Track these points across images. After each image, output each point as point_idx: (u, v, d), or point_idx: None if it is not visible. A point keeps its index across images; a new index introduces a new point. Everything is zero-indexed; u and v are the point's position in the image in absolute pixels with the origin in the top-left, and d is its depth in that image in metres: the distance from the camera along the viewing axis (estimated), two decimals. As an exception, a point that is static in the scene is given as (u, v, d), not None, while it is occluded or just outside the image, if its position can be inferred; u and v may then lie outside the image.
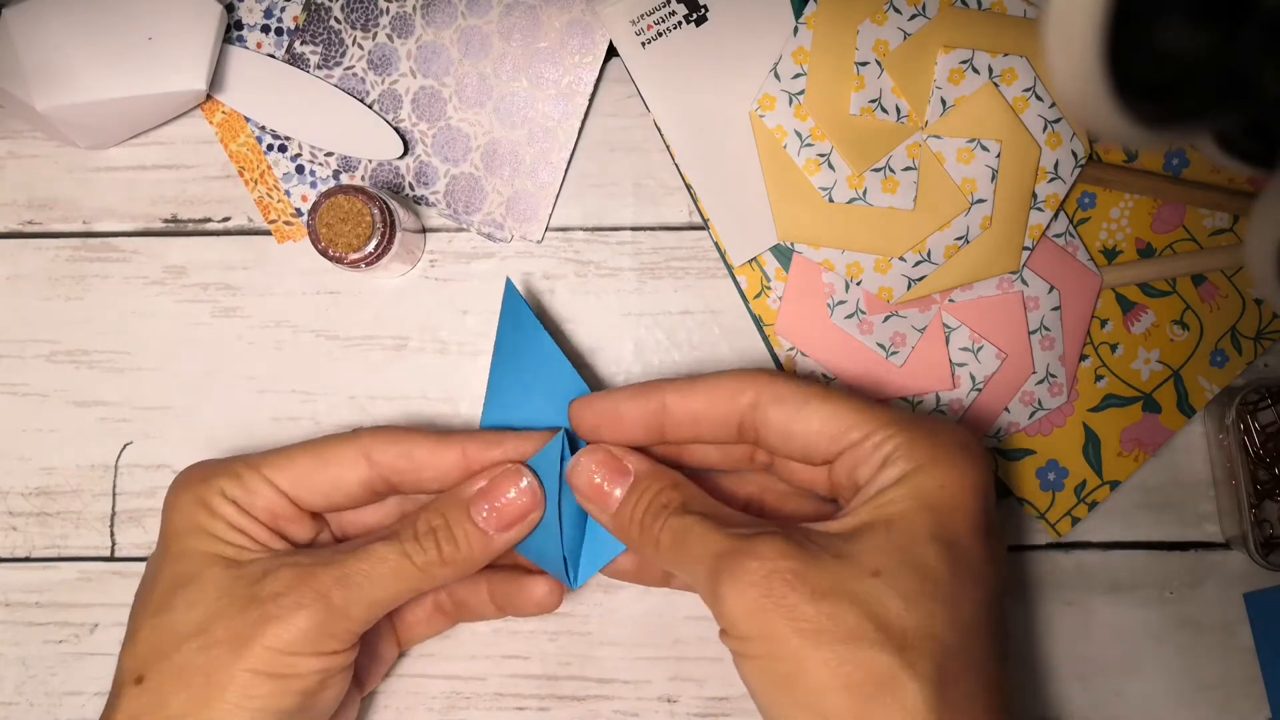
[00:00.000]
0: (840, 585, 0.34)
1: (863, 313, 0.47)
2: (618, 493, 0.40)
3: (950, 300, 0.47)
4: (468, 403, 0.48)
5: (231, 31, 0.47)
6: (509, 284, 0.43)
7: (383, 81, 0.47)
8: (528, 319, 0.42)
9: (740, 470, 0.43)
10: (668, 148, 0.47)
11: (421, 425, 0.47)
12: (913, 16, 0.45)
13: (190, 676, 0.37)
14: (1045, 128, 0.45)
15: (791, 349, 0.47)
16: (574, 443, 0.42)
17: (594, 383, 0.48)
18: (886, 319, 0.47)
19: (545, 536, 0.41)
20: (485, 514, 0.40)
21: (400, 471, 0.40)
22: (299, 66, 0.47)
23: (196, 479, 0.40)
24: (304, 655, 0.38)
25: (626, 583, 0.46)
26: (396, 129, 0.47)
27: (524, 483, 0.40)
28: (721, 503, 0.40)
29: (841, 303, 0.47)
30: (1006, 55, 0.45)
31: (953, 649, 0.34)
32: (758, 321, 0.47)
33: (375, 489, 0.41)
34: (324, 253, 0.42)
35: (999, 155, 0.45)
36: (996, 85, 0.45)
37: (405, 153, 0.47)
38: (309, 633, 0.37)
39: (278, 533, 0.41)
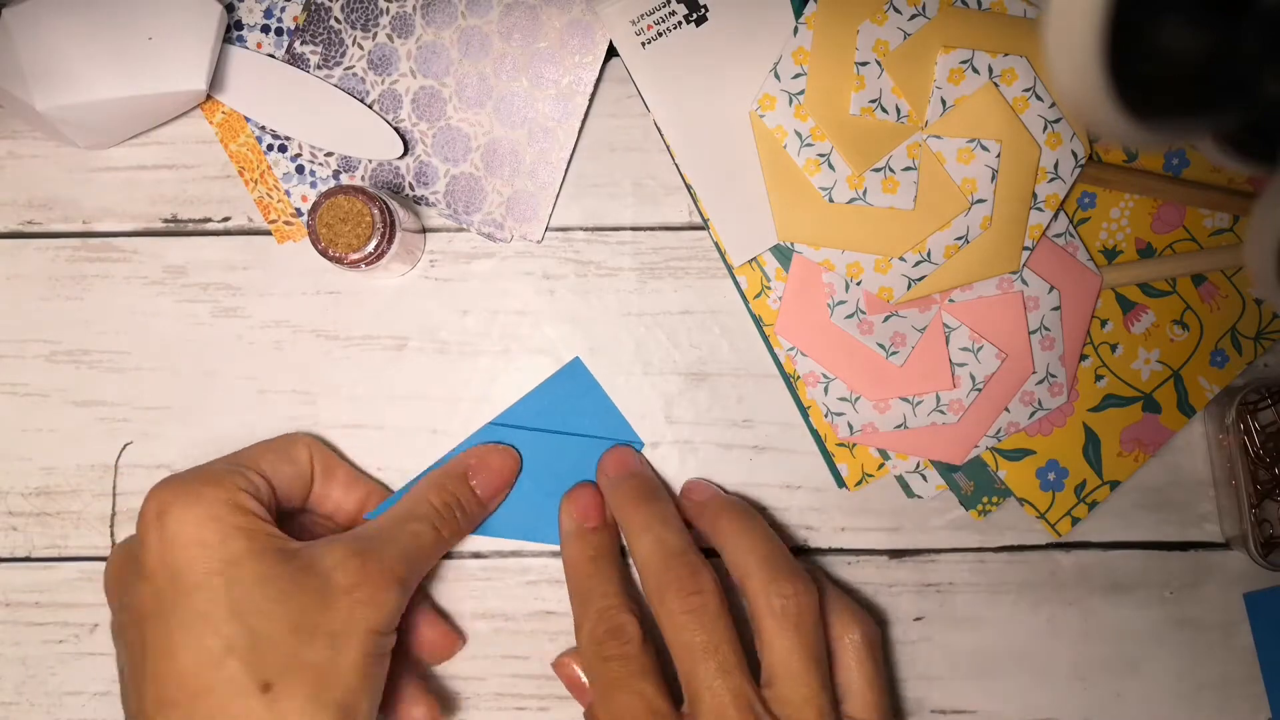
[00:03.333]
0: None
1: (863, 313, 0.47)
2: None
3: (950, 300, 0.47)
4: (468, 403, 0.48)
5: (231, 31, 0.47)
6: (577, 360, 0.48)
7: (383, 81, 0.47)
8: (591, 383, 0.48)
9: None
10: (668, 148, 0.47)
11: (421, 426, 0.48)
12: (913, 16, 0.45)
13: (315, 674, 0.37)
14: (1045, 128, 0.45)
15: (791, 349, 0.47)
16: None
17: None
18: (886, 319, 0.47)
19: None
20: (478, 484, 0.45)
21: (322, 485, 0.45)
22: (299, 66, 0.47)
23: (202, 486, 0.39)
24: (390, 633, 0.40)
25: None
26: (396, 129, 0.47)
27: (505, 453, 0.46)
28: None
29: (841, 303, 0.47)
30: (1006, 55, 0.45)
31: None
32: (758, 321, 0.47)
33: (304, 491, 0.44)
34: (324, 253, 0.42)
35: (999, 155, 0.45)
36: (996, 85, 0.45)
37: (405, 153, 0.47)
38: (396, 611, 0.40)
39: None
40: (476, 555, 0.48)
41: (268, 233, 0.48)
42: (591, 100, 0.48)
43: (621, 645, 0.41)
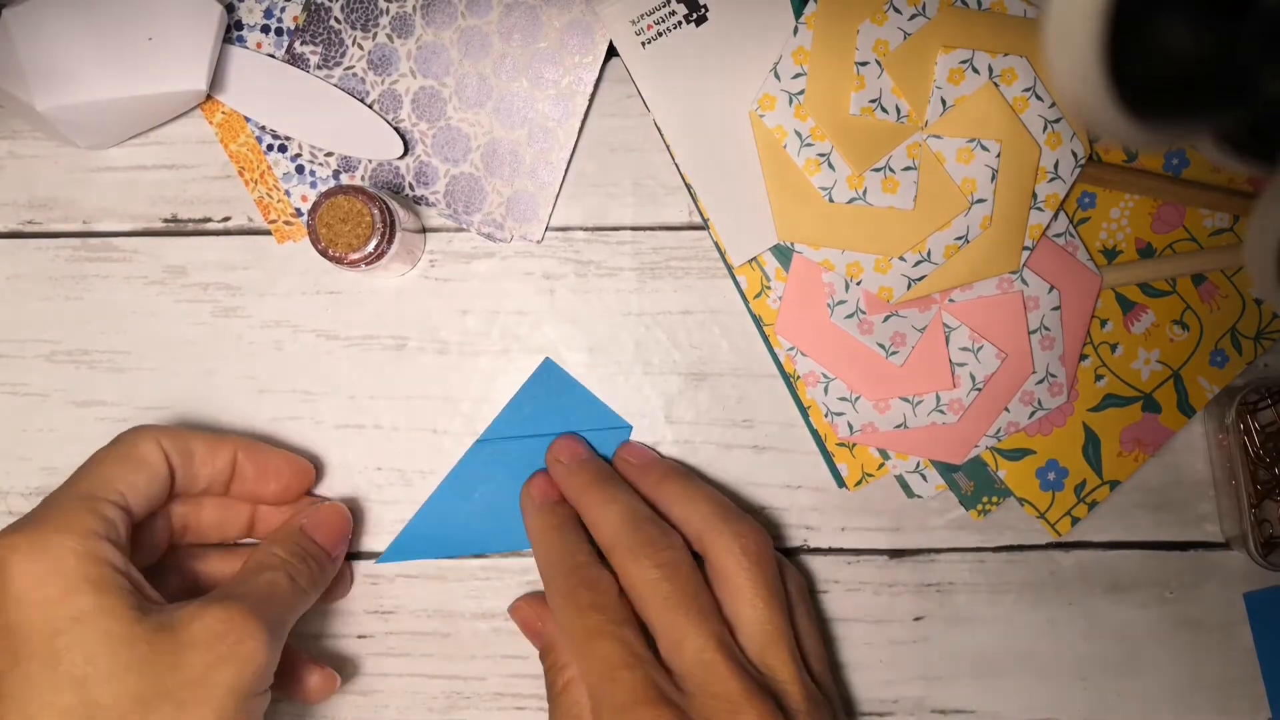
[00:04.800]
0: None
1: (863, 313, 0.47)
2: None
3: (950, 300, 0.47)
4: (468, 403, 0.48)
5: (231, 31, 0.47)
6: (548, 361, 0.48)
7: (383, 81, 0.47)
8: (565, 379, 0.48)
9: None
10: (668, 148, 0.47)
11: (421, 426, 0.48)
12: (913, 16, 0.45)
13: None
14: (1045, 128, 0.45)
15: (791, 349, 0.47)
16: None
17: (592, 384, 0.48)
18: (886, 319, 0.47)
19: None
20: (317, 535, 0.43)
21: (181, 457, 0.41)
22: (299, 66, 0.47)
23: (49, 534, 0.35)
24: (258, 694, 0.37)
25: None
26: (396, 129, 0.47)
27: (332, 507, 0.45)
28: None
29: (841, 303, 0.47)
30: (1006, 55, 0.45)
31: None
32: (758, 321, 0.47)
33: (166, 489, 0.41)
34: (324, 253, 0.42)
35: (999, 155, 0.45)
36: (996, 85, 0.45)
37: (405, 153, 0.47)
38: (263, 666, 0.37)
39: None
40: (477, 555, 0.48)
41: (268, 233, 0.48)
42: (591, 100, 0.48)
43: (598, 595, 0.40)
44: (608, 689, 0.38)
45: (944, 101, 0.46)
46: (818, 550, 0.48)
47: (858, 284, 0.46)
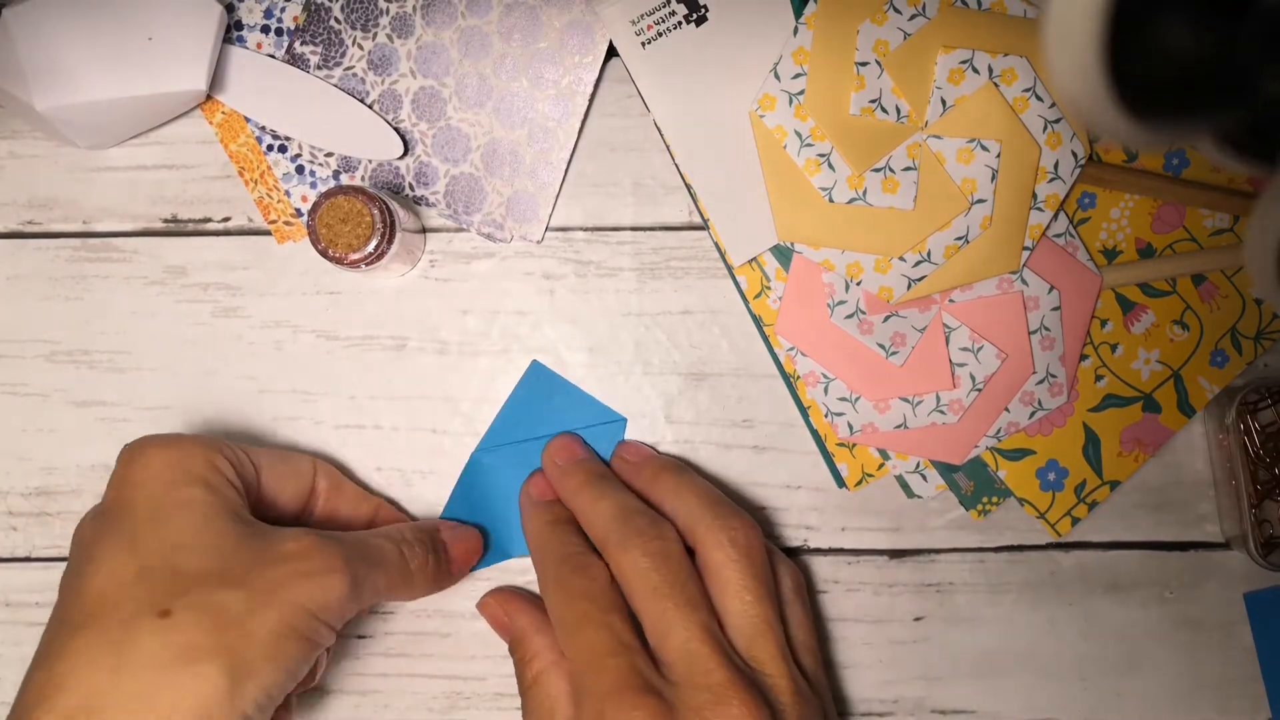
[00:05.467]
0: None
1: (863, 313, 0.47)
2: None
3: (950, 300, 0.47)
4: (468, 403, 0.48)
5: (231, 31, 0.47)
6: (535, 363, 0.48)
7: (383, 81, 0.47)
8: (555, 380, 0.48)
9: None
10: (668, 148, 0.47)
11: (421, 426, 0.48)
12: (913, 16, 0.45)
13: (219, 617, 0.35)
14: (1045, 128, 0.45)
15: (791, 349, 0.47)
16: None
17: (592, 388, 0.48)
18: (886, 319, 0.47)
19: None
20: (452, 545, 0.44)
21: (329, 500, 0.44)
22: (299, 66, 0.47)
23: (183, 438, 0.39)
24: (326, 624, 0.37)
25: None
26: (396, 129, 0.47)
27: (475, 533, 0.46)
28: None
29: (841, 303, 0.47)
30: (1006, 55, 0.45)
31: None
32: (758, 321, 0.47)
33: (304, 506, 0.44)
34: (324, 253, 0.42)
35: (999, 155, 0.45)
36: (996, 85, 0.45)
37: (405, 153, 0.47)
38: (339, 600, 0.37)
39: None
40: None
41: (268, 233, 0.48)
42: (591, 100, 0.48)
43: (588, 582, 0.40)
44: (593, 675, 0.38)
45: (944, 101, 0.46)
46: (818, 550, 0.48)
47: (858, 284, 0.46)
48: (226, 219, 0.48)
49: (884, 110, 0.46)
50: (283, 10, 0.47)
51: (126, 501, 0.37)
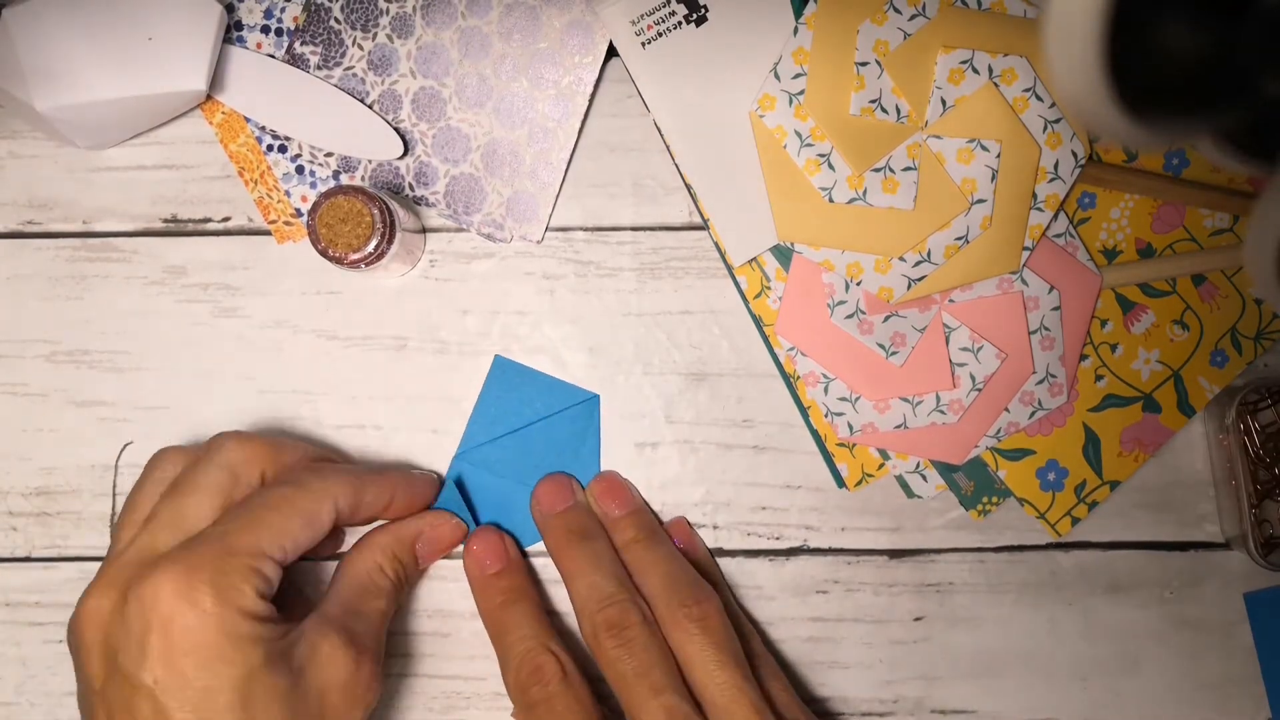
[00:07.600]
0: None
1: (863, 313, 0.47)
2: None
3: (950, 300, 0.47)
4: (468, 403, 0.48)
5: (231, 31, 0.47)
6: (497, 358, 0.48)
7: (383, 82, 0.47)
8: (518, 370, 0.48)
9: None
10: (668, 148, 0.47)
11: (421, 426, 0.48)
12: (913, 16, 0.45)
13: None
14: (1045, 128, 0.45)
15: (791, 349, 0.47)
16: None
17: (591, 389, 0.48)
18: (886, 319, 0.47)
19: None
20: (422, 552, 0.45)
21: (350, 512, 0.43)
22: (299, 66, 0.47)
23: (213, 593, 0.37)
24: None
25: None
26: (396, 129, 0.47)
27: (456, 527, 0.46)
28: None
29: (841, 303, 0.47)
30: (1006, 55, 0.45)
31: None
32: (758, 321, 0.47)
33: (331, 532, 0.43)
34: (324, 253, 0.42)
35: (999, 155, 0.45)
36: (996, 85, 0.45)
37: (405, 153, 0.47)
38: (376, 701, 0.42)
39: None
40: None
41: (268, 233, 0.48)
42: (591, 100, 0.48)
43: (544, 687, 0.42)
44: None
45: (944, 101, 0.46)
46: (818, 550, 0.48)
47: (858, 284, 0.46)
48: (226, 219, 0.48)
49: (884, 110, 0.46)
50: (283, 10, 0.47)
51: (186, 682, 0.36)
